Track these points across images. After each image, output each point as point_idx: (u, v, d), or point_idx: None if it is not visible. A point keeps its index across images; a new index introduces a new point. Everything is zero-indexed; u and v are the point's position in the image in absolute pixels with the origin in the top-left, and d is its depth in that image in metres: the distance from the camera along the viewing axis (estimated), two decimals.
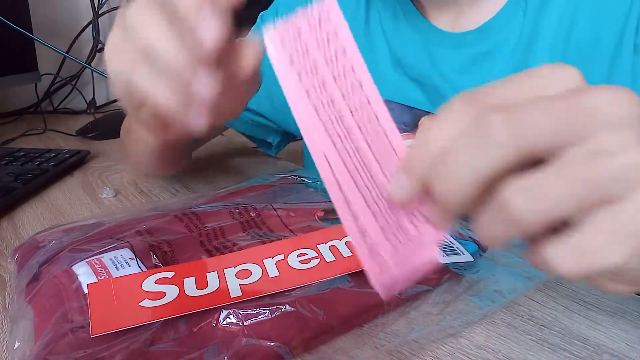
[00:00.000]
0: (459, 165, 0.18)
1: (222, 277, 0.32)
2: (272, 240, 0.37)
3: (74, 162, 0.70)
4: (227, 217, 0.41)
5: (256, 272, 0.33)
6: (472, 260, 0.36)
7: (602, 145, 0.17)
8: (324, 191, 0.47)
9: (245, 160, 0.73)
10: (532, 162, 0.18)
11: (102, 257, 0.34)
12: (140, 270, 0.33)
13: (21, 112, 1.10)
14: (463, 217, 0.20)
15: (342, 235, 0.37)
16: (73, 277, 0.32)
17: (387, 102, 0.54)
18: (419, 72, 0.56)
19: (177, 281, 0.32)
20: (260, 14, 0.74)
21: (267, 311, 0.29)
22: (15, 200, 0.56)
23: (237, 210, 0.42)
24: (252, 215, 0.41)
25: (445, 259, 0.35)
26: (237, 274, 0.32)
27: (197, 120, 0.25)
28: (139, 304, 0.30)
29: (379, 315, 0.32)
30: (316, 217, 0.41)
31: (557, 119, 0.18)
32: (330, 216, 0.41)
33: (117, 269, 0.33)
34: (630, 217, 0.18)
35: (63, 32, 1.16)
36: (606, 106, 0.18)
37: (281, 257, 0.34)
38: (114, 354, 0.26)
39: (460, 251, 0.37)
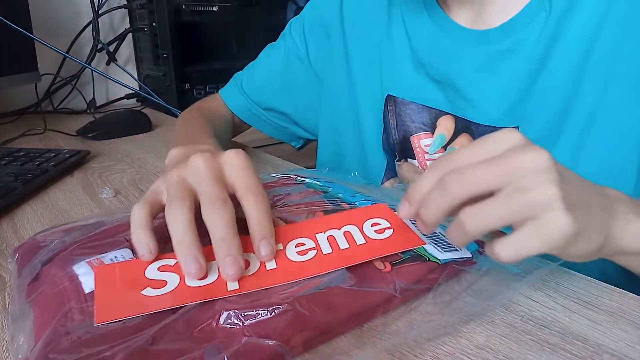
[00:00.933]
0: (431, 206, 0.31)
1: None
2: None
3: (74, 162, 0.70)
4: None
5: (254, 263, 0.33)
6: (470, 256, 0.36)
7: (524, 185, 0.28)
8: (324, 191, 0.47)
9: None
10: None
11: (103, 257, 0.35)
12: None
13: (21, 112, 1.10)
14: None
15: (341, 224, 0.37)
16: (74, 277, 0.32)
17: (407, 102, 0.57)
18: (440, 71, 0.56)
19: (179, 269, 0.32)
20: (290, 20, 0.75)
21: (267, 311, 0.29)
22: (15, 200, 0.56)
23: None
24: None
25: (443, 255, 0.35)
26: None
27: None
28: (141, 292, 0.31)
29: (379, 315, 0.32)
30: (316, 217, 0.41)
31: (492, 172, 0.29)
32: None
33: None
34: (544, 228, 0.28)
35: (63, 32, 1.16)
36: (524, 162, 0.29)
37: (280, 247, 0.34)
38: (115, 353, 0.26)
39: (459, 248, 0.37)
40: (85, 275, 0.32)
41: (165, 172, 0.39)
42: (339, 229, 0.36)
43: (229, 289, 0.31)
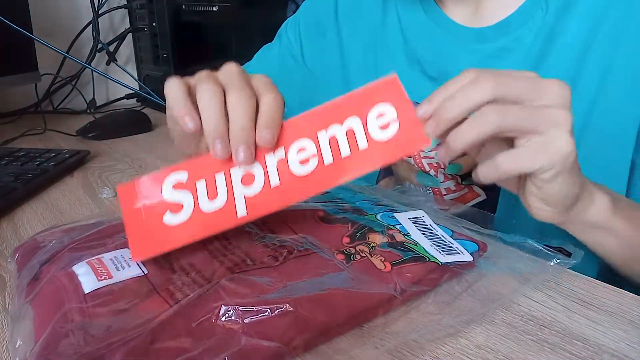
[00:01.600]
0: (459, 98, 0.32)
1: (229, 183, 0.34)
2: (274, 243, 0.37)
3: (74, 162, 0.70)
4: None
5: (259, 177, 0.34)
6: (472, 259, 0.36)
7: (544, 103, 0.32)
8: (324, 192, 0.47)
9: None
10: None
11: (102, 257, 0.35)
12: (140, 270, 0.33)
13: (21, 112, 1.10)
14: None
15: (344, 115, 0.35)
16: (73, 277, 0.32)
17: None
18: (436, 68, 0.56)
19: (191, 186, 0.35)
20: (286, 20, 0.75)
21: (268, 310, 0.29)
22: (15, 200, 0.56)
23: None
24: None
25: (444, 258, 0.35)
26: (242, 179, 0.35)
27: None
28: (163, 220, 0.34)
29: (379, 315, 0.32)
30: (316, 217, 0.41)
31: (522, 84, 0.32)
32: (330, 216, 0.41)
33: (117, 269, 0.33)
34: (549, 143, 0.32)
35: (63, 32, 1.16)
36: (550, 86, 0.33)
37: (281, 154, 0.35)
38: (114, 353, 0.26)
39: (460, 251, 0.37)
40: (85, 275, 0.32)
41: None
42: (341, 124, 0.35)
43: (238, 216, 0.34)
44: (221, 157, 0.34)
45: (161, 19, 1.10)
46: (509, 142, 0.34)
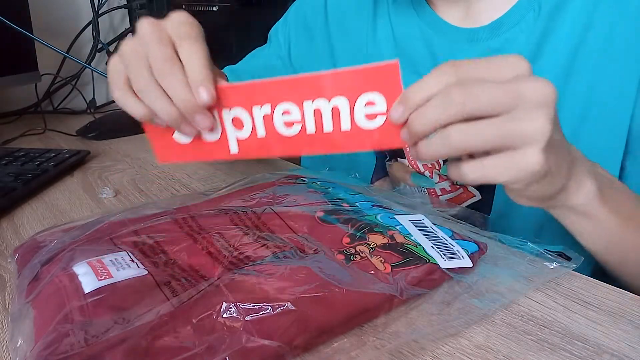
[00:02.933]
0: (429, 113, 0.30)
1: (221, 119, 0.37)
2: (274, 242, 0.37)
3: (74, 162, 0.70)
4: (227, 219, 0.41)
5: (247, 124, 0.36)
6: (472, 264, 0.36)
7: (517, 116, 0.29)
8: (324, 191, 0.47)
9: (245, 160, 0.73)
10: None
11: (103, 258, 0.35)
12: (139, 270, 0.33)
13: (21, 112, 1.10)
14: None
15: (333, 92, 0.34)
16: (74, 277, 0.32)
17: None
18: (430, 69, 0.56)
19: None
20: (276, 24, 0.75)
21: (269, 307, 0.29)
22: (15, 200, 0.56)
23: (236, 215, 0.42)
24: (252, 217, 0.41)
25: (445, 264, 0.35)
26: (232, 121, 0.37)
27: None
28: (172, 136, 0.38)
29: (379, 315, 0.32)
30: (316, 217, 0.41)
31: (496, 95, 0.29)
32: (330, 217, 0.41)
33: (118, 269, 0.33)
34: (518, 160, 0.30)
35: (63, 32, 1.16)
36: (529, 92, 0.29)
37: (268, 110, 0.35)
38: (115, 352, 0.26)
39: (460, 255, 0.37)
40: (85, 275, 0.32)
41: None
42: (329, 101, 0.34)
43: (231, 152, 0.37)
44: (189, 134, 0.37)
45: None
46: None
